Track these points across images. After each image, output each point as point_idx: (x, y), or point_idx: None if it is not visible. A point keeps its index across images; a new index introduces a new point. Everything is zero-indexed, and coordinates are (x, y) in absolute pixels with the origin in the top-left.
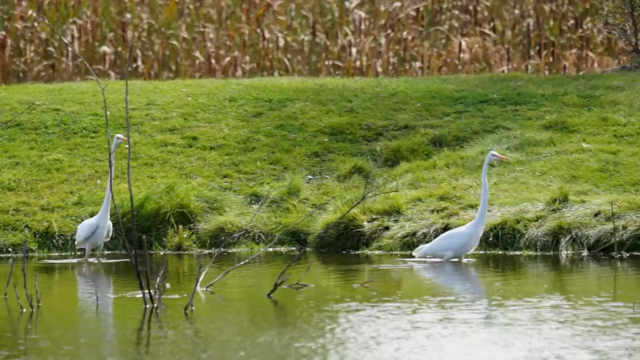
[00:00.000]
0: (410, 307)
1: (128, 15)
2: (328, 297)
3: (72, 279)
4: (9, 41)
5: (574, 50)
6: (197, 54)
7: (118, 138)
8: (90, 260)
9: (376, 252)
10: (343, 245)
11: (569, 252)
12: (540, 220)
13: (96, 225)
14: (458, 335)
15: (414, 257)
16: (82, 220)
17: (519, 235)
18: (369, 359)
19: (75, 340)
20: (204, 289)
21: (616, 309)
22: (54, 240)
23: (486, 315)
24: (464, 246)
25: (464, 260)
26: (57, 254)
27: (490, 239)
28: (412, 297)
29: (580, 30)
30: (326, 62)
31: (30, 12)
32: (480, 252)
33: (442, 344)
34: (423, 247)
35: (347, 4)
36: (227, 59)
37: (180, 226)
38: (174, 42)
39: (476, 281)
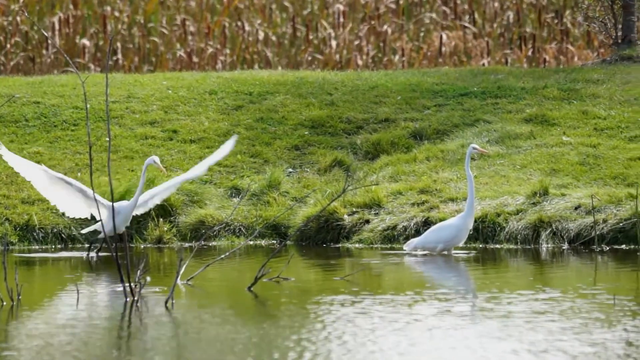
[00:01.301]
0: (390, 300)
1: (108, 8)
2: (309, 290)
3: (53, 272)
4: None
5: (554, 44)
6: (178, 47)
7: (155, 162)
8: (92, 254)
9: (357, 245)
10: (323, 239)
11: (549, 245)
12: (520, 214)
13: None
14: (453, 328)
15: (404, 250)
16: (63, 214)
17: (499, 228)
18: (364, 352)
19: (55, 334)
20: (185, 282)
21: (607, 301)
22: (35, 234)
23: (481, 308)
24: (453, 238)
25: (453, 252)
26: (37, 247)
27: (471, 232)
28: (393, 290)
29: (560, 23)
30: (306, 56)
31: (12, 6)
32: (461, 245)
33: (434, 337)
34: (413, 241)
35: None
36: (208, 51)
37: (161, 219)
38: (155, 38)
39: (463, 275)
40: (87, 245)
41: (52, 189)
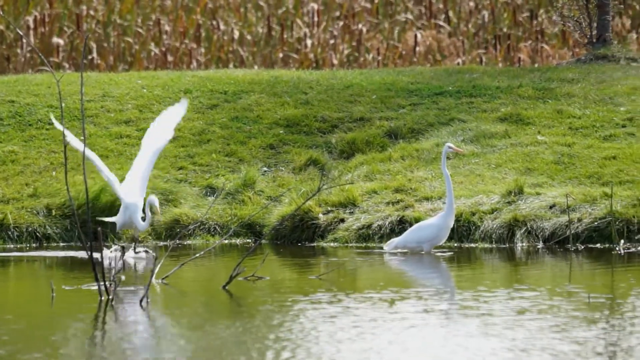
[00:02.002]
0: (369, 298)
1: (83, 7)
2: (285, 289)
3: (28, 271)
4: None
5: (528, 43)
6: (153, 46)
7: (154, 205)
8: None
9: (332, 244)
10: (298, 238)
11: (524, 244)
12: (495, 213)
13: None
14: (437, 327)
15: (384, 249)
16: (38, 213)
17: (474, 227)
18: (345, 351)
19: (30, 333)
20: (160, 281)
21: (584, 300)
22: (9, 232)
23: (462, 306)
24: (434, 238)
25: (432, 251)
26: (12, 246)
27: None
28: (371, 289)
29: (535, 22)
30: (281, 54)
31: None
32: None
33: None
34: (394, 241)
35: None
36: (183, 50)
37: None
38: (129, 37)
39: (440, 273)
40: (62, 245)
41: None
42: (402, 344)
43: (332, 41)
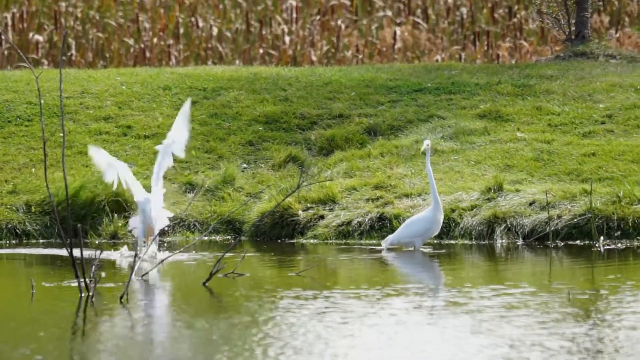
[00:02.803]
0: (353, 295)
1: (62, 4)
2: (265, 285)
3: (7, 269)
4: None
5: (507, 40)
6: (132, 42)
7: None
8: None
9: (311, 240)
10: (278, 234)
11: (503, 241)
12: (475, 209)
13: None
14: (426, 323)
15: (381, 246)
16: (17, 209)
17: (454, 224)
18: (335, 348)
19: (10, 329)
20: (140, 277)
21: (566, 296)
22: None
23: (449, 302)
24: (426, 231)
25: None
26: None
27: None
28: (351, 285)
29: (513, 19)
30: (260, 51)
31: None
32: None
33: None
34: (389, 237)
35: None
36: (161, 47)
37: (116, 215)
38: (107, 32)
39: (419, 269)
40: (41, 242)
41: None
42: (392, 340)
43: (310, 38)
